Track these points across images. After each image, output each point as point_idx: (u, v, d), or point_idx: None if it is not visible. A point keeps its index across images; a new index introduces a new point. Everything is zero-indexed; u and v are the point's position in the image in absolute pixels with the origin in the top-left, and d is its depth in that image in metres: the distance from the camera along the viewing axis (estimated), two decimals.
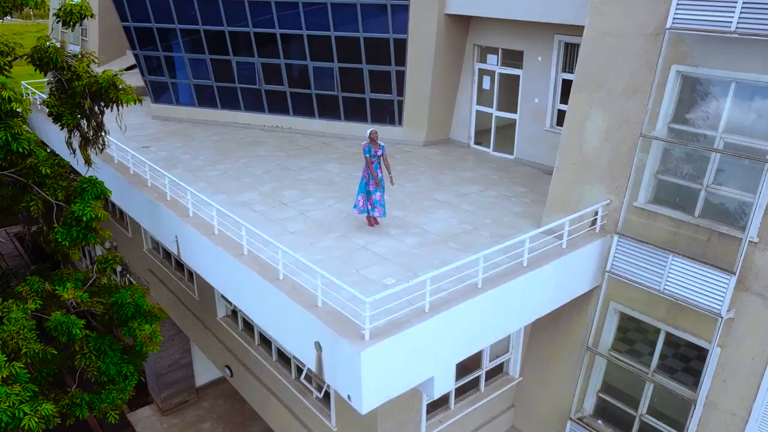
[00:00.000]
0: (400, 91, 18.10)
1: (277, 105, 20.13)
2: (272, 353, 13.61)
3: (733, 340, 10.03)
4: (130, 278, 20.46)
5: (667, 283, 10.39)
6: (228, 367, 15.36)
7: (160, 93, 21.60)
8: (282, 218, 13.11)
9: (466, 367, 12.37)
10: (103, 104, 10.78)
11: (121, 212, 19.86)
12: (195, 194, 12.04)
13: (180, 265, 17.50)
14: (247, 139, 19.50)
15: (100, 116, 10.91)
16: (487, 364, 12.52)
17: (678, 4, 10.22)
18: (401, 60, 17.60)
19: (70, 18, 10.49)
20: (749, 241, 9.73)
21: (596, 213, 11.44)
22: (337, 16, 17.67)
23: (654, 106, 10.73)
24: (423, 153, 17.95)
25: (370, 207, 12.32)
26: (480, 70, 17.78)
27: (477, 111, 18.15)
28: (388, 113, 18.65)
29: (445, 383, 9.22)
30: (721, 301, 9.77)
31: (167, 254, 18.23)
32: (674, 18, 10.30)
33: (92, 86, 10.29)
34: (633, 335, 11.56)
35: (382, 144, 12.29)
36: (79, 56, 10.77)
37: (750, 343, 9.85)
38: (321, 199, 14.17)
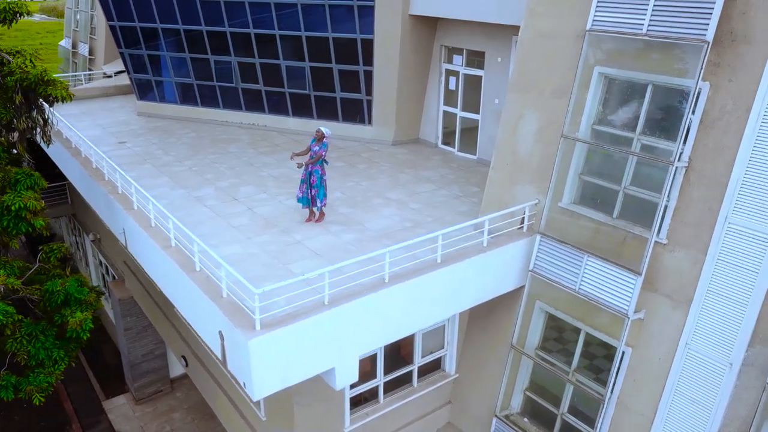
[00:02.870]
0: (369, 91, 18.34)
1: (254, 103, 20.54)
2: None
3: (643, 341, 10.09)
4: (114, 272, 21.10)
5: (582, 282, 10.49)
6: (184, 357, 15.79)
7: (145, 91, 22.17)
8: (230, 213, 13.46)
9: (400, 361, 12.58)
10: (40, 100, 11.26)
11: None
12: (139, 189, 12.45)
13: None
14: (222, 136, 19.91)
15: (34, 110, 11.40)
16: (419, 360, 12.70)
17: (597, 7, 10.35)
18: (369, 60, 17.84)
19: (5, 15, 11.00)
20: (659, 242, 9.81)
21: (524, 212, 11.58)
22: (307, 17, 17.99)
23: (577, 108, 10.84)
24: (390, 152, 18.16)
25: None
26: (447, 70, 17.94)
27: (444, 111, 18.31)
28: (358, 112, 18.91)
29: (348, 375, 9.43)
30: (628, 301, 9.85)
31: None
32: (594, 20, 10.42)
33: (24, 81, 10.78)
34: (558, 335, 11.65)
35: (326, 143, 12.56)
36: (22, 53, 11.24)
37: (658, 343, 9.90)
38: (273, 195, 14.50)
